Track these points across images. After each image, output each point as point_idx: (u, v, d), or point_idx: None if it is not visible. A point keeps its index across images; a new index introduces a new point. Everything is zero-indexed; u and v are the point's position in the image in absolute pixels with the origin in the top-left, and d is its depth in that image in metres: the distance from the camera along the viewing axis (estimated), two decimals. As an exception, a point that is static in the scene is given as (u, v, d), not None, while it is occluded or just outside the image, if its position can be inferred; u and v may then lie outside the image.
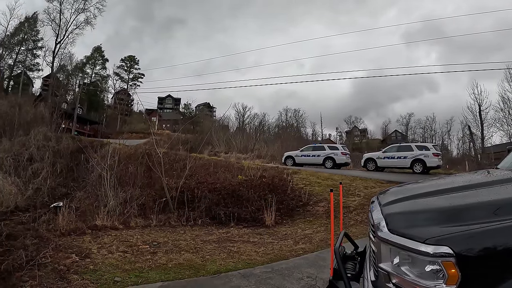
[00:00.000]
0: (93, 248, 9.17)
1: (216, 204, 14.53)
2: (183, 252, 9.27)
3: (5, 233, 9.24)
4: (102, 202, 13.89)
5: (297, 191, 16.29)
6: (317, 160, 29.68)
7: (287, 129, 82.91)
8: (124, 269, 7.73)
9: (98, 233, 10.90)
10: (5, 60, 69.95)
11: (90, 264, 7.88)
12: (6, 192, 16.46)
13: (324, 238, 10.66)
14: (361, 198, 14.97)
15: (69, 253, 8.46)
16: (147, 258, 8.61)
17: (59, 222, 11.27)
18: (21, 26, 69.57)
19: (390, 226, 2.70)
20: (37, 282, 6.58)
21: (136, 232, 11.57)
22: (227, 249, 9.66)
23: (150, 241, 10.32)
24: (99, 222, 11.99)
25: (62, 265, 7.50)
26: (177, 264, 8.22)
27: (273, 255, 9.04)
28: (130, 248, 9.41)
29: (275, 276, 7.26)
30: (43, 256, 7.82)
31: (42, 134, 27.67)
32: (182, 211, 14.17)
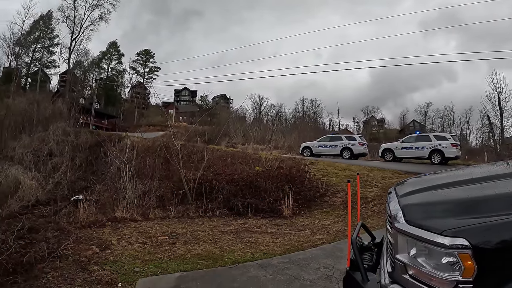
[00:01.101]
0: (113, 240, 9.27)
1: (234, 195, 14.61)
2: (202, 243, 9.31)
3: (27, 226, 9.36)
4: (121, 195, 14.04)
5: (315, 181, 16.22)
6: (335, 151, 29.45)
7: (303, 120, 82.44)
8: (144, 259, 7.80)
9: (118, 225, 11.01)
10: (22, 58, 70.79)
11: (110, 255, 7.97)
12: (27, 186, 16.74)
13: (341, 229, 10.62)
14: (378, 189, 14.80)
15: (89, 245, 8.56)
16: (166, 249, 8.68)
17: (80, 215, 11.43)
18: (36, 24, 70.11)
19: (407, 217, 2.70)
20: (59, 273, 6.68)
21: (155, 223, 11.66)
22: (245, 240, 9.67)
23: (169, 232, 10.39)
24: (119, 214, 12.12)
25: (83, 257, 7.59)
26: (195, 255, 8.25)
27: (290, 246, 9.01)
28: (149, 239, 9.48)
29: (292, 266, 7.25)
30: (64, 248, 7.91)
31: (61, 129, 28.03)
32: (200, 202, 14.26)
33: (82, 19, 66.24)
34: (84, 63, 75.88)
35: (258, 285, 6.40)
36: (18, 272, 6.58)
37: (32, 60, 72.36)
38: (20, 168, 18.80)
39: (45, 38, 72.12)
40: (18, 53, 68.74)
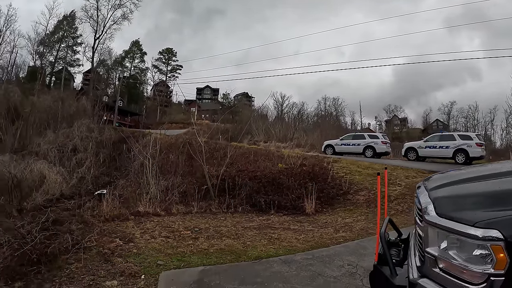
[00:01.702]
0: (136, 233, 9.31)
1: (256, 192, 14.53)
2: (224, 238, 9.28)
3: (52, 218, 9.43)
4: (144, 190, 14.11)
5: (338, 179, 16.09)
6: (357, 149, 29.13)
7: (325, 118, 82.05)
8: (167, 253, 7.80)
9: (141, 219, 11.08)
10: (46, 57, 71.96)
11: (133, 248, 7.99)
12: (51, 181, 16.91)
13: (364, 227, 10.56)
14: (402, 188, 14.66)
15: (113, 238, 8.60)
16: (189, 243, 8.66)
17: (103, 209, 11.51)
18: (60, 24, 71.23)
19: (438, 210, 2.64)
20: (82, 264, 6.71)
21: (177, 218, 11.68)
22: (267, 236, 9.61)
23: (192, 227, 10.40)
24: (142, 208, 12.20)
25: (107, 249, 7.62)
26: (218, 250, 8.23)
27: (313, 243, 8.96)
28: (172, 234, 9.49)
29: (315, 263, 7.19)
30: (88, 240, 7.94)
31: (85, 125, 28.41)
32: (222, 198, 14.27)
33: (105, 18, 67.15)
34: (108, 61, 76.95)
35: (281, 280, 6.32)
36: (42, 262, 6.60)
37: (56, 59, 73.46)
38: (45, 163, 19.02)
39: (69, 38, 73.22)
40: (43, 52, 69.86)
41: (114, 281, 6.14)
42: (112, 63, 78.31)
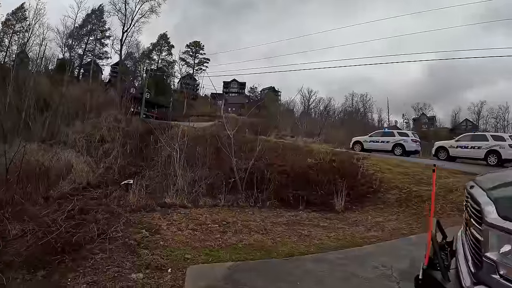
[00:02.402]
0: (162, 225, 9.09)
1: (285, 187, 14.26)
2: (253, 233, 9.02)
3: (78, 207, 9.31)
4: (171, 181, 13.96)
5: (368, 177, 15.66)
6: (386, 147, 28.43)
7: (353, 114, 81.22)
8: (194, 246, 7.57)
9: (168, 211, 10.86)
10: (75, 50, 73.10)
11: (160, 240, 7.77)
12: (79, 170, 16.99)
13: (396, 227, 10.24)
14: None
15: (139, 228, 8.42)
16: (217, 237, 8.42)
17: (130, 199, 11.40)
18: (88, 18, 72.32)
19: (501, 212, 2.38)
20: (108, 255, 6.53)
21: (204, 211, 11.44)
22: (297, 232, 9.35)
23: (219, 220, 10.12)
24: (168, 200, 12.02)
25: (132, 240, 7.43)
26: (247, 245, 7.98)
27: (345, 241, 8.68)
28: (200, 227, 9.25)
29: (349, 262, 6.89)
30: (114, 230, 7.78)
31: (112, 116, 28.49)
32: (250, 192, 14.04)
33: (133, 12, 67.48)
34: (135, 54, 77.71)
35: (314, 279, 6.03)
36: (66, 251, 6.47)
37: (84, 52, 74.63)
38: (72, 152, 19.13)
39: (97, 31, 74.14)
40: (72, 45, 70.93)
41: (139, 273, 5.93)
42: (139, 56, 79.10)
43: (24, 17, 63.00)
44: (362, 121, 75.61)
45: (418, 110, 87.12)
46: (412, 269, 5.86)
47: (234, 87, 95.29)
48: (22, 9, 63.42)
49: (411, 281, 5.53)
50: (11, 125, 26.43)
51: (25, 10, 63.05)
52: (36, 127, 27.60)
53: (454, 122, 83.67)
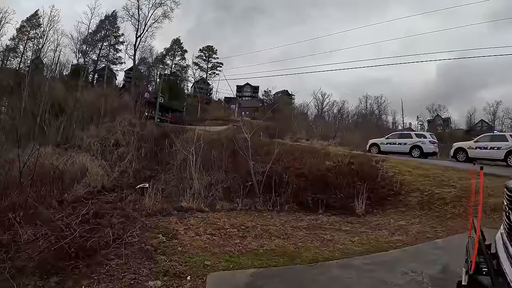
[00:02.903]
0: (180, 229, 8.84)
1: (303, 190, 13.98)
2: (274, 238, 8.75)
3: (93, 211, 9.08)
4: (187, 185, 13.73)
5: (387, 179, 15.28)
6: (403, 149, 27.89)
7: (367, 117, 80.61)
8: (213, 252, 7.30)
9: (184, 215, 10.62)
10: (89, 56, 73.63)
11: (177, 246, 7.50)
12: (93, 173, 16.83)
13: (420, 230, 9.85)
14: (457, 190, 13.45)
15: (155, 233, 8.18)
16: (236, 242, 8.16)
17: (146, 203, 11.20)
18: (102, 23, 72.84)
19: None
20: (123, 261, 6.28)
21: (222, 215, 11.19)
22: (319, 237, 9.06)
23: (238, 224, 9.88)
24: (185, 204, 11.81)
25: (149, 245, 7.17)
26: (268, 250, 7.69)
27: (370, 246, 8.34)
28: (218, 231, 9.01)
29: (376, 268, 6.59)
30: (130, 235, 7.50)
31: (127, 120, 28.42)
32: (268, 195, 13.75)
33: (146, 17, 67.56)
34: (149, 59, 78.00)
35: (342, 287, 5.76)
36: (80, 257, 6.23)
37: (99, 57, 75.13)
38: (87, 156, 19.01)
39: (111, 37, 74.61)
40: (86, 51, 71.43)
41: (157, 281, 5.68)
42: (153, 61, 79.40)
43: (38, 24, 63.76)
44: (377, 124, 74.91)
45: (433, 112, 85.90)
46: (443, 275, 5.98)
47: (248, 91, 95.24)
48: (36, 16, 64.19)
49: (443, 287, 5.40)
50: (26, 129, 26.53)
51: (39, 17, 63.86)
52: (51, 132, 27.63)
53: (470, 123, 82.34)
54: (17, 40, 62.98)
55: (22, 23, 63.31)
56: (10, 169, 10.36)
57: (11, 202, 8.45)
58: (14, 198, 8.73)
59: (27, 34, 63.15)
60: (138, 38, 66.97)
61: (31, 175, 11.15)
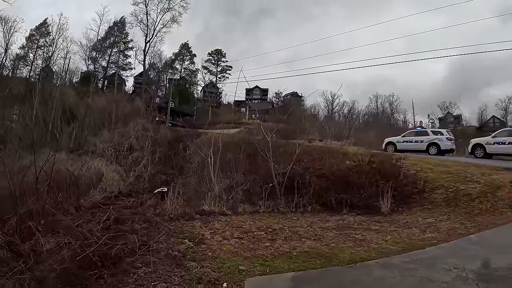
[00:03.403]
0: (206, 234, 8.52)
1: (325, 190, 13.68)
2: (304, 240, 8.44)
3: (113, 216, 8.68)
4: (206, 188, 13.45)
5: (410, 177, 14.96)
6: (420, 146, 27.34)
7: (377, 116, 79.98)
8: (245, 256, 6.97)
9: (208, 219, 10.32)
10: (99, 62, 74.04)
11: (207, 251, 7.16)
12: (109, 178, 16.51)
13: (451, 227, 9.66)
14: (481, 186, 13.19)
15: (181, 238, 7.85)
16: (267, 245, 7.85)
17: (167, 207, 10.85)
18: (110, 30, 73.04)
19: None
20: (152, 269, 5.93)
21: (246, 218, 10.87)
22: (351, 237, 8.82)
23: (265, 227, 9.55)
24: (207, 207, 11.46)
25: (176, 251, 6.83)
26: (302, 252, 7.40)
27: (404, 244, 8.11)
28: (246, 235, 8.70)
29: (417, 266, 6.41)
30: (156, 241, 7.09)
31: (140, 125, 28.15)
32: (289, 197, 13.42)
33: (154, 22, 67.59)
34: (158, 64, 78.03)
35: (386, 287, 5.64)
36: (105, 265, 5.88)
37: (108, 64, 75.30)
38: (102, 161, 18.70)
39: (120, 43, 74.72)
40: (95, 57, 71.70)
41: (192, 289, 5.24)
42: (162, 66, 79.45)
43: (47, 32, 64.28)
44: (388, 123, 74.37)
45: (444, 109, 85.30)
46: (486, 270, 5.97)
47: (257, 94, 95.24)
48: (45, 24, 64.82)
49: (489, 282, 5.47)
50: (38, 136, 26.38)
51: (48, 25, 64.47)
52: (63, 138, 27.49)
53: (481, 120, 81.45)
54: (26, 49, 63.57)
55: (32, 32, 63.86)
56: (26, 175, 9.99)
57: (28, 209, 8.07)
58: (31, 205, 8.36)
59: (37, 42, 63.60)
60: (147, 43, 67.03)
61: (47, 181, 10.80)
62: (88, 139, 27.35)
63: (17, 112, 36.21)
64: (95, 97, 41.11)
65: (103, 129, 29.29)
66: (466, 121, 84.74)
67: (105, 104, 36.68)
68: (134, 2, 65.78)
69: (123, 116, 33.42)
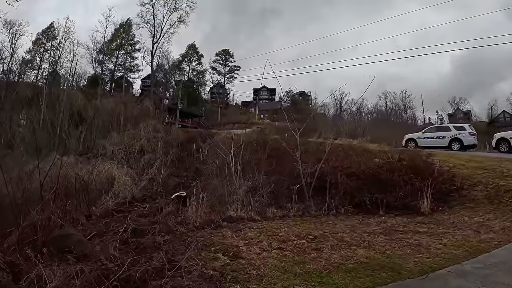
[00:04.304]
0: (240, 245, 7.35)
1: (357, 190, 12.64)
2: (353, 247, 7.45)
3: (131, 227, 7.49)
4: (227, 191, 12.37)
5: (444, 174, 13.90)
6: (442, 142, 26.37)
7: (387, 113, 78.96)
8: (296, 273, 5.85)
9: (236, 226, 9.19)
10: (106, 65, 73.63)
11: (248, 268, 5.97)
12: (121, 183, 15.42)
13: (504, 226, 8.95)
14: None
15: (213, 252, 6.70)
16: (314, 257, 6.77)
17: (190, 214, 9.72)
18: (117, 32, 72.33)
19: None
20: None
21: (278, 224, 9.76)
22: (404, 242, 7.92)
23: (304, 234, 8.44)
24: (233, 213, 10.32)
25: (211, 269, 5.63)
26: (359, 264, 6.48)
27: (466, 248, 7.34)
28: (285, 244, 7.57)
29: (494, 272, 5.81)
30: (187, 257, 5.88)
31: (151, 126, 27.21)
32: (317, 198, 12.46)
33: (161, 23, 66.98)
34: (165, 66, 77.36)
35: None
36: None
37: (115, 66, 74.73)
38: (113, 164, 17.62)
39: (127, 45, 74.09)
40: (102, 60, 71.24)
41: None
42: (170, 67, 78.77)
43: (54, 36, 63.91)
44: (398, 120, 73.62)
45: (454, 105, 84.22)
46: None
47: (264, 94, 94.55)
48: (52, 27, 64.51)
49: None
50: (45, 140, 25.68)
51: (54, 29, 64.17)
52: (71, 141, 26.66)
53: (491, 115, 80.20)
54: (33, 53, 63.24)
55: (38, 36, 63.61)
56: (30, 180, 8.80)
57: (32, 221, 6.86)
58: (35, 217, 7.15)
59: (43, 46, 63.28)
60: (154, 44, 66.40)
61: (53, 187, 9.56)
62: (97, 142, 26.67)
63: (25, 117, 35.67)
64: (104, 99, 40.63)
65: (112, 132, 28.52)
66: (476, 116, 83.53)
67: (114, 106, 36.17)
68: (140, 3, 65.55)
69: (132, 117, 32.77)
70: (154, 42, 66.41)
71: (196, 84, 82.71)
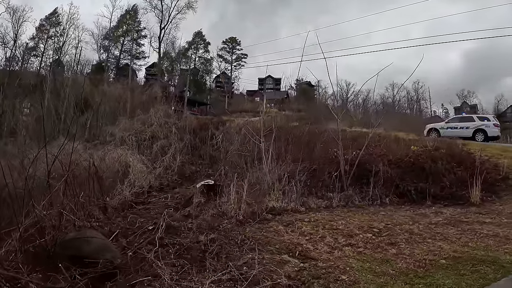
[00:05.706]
0: (302, 242, 6.19)
1: (399, 179, 11.80)
2: (430, 240, 6.79)
3: (164, 225, 6.16)
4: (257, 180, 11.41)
5: (487, 163, 13.21)
6: (466, 133, 25.45)
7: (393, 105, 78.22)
8: (389, 274, 5.06)
9: (284, 219, 8.05)
10: (111, 52, 72.19)
11: (332, 272, 4.86)
12: (137, 171, 14.15)
13: None
14: None
15: (276, 254, 5.52)
16: (394, 253, 6.02)
17: (229, 206, 8.43)
18: (123, 18, 71.13)
19: None
20: None
21: (326, 215, 8.68)
22: (477, 233, 7.36)
23: (365, 227, 7.50)
24: (274, 203, 9.17)
25: (286, 278, 4.43)
26: (452, 259, 5.79)
27: None
28: (352, 239, 6.63)
29: None
30: (241, 262, 4.64)
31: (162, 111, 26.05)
32: (356, 188, 11.58)
33: (169, 8, 65.83)
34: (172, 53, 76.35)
35: None
36: None
37: (121, 53, 73.59)
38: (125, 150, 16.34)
39: (133, 31, 72.99)
40: (107, 46, 70.00)
41: None
42: (176, 55, 77.86)
43: (58, 22, 62.62)
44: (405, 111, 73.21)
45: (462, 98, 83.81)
46: None
47: (269, 83, 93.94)
48: (56, 14, 63.13)
49: None
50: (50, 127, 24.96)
51: (58, 15, 62.86)
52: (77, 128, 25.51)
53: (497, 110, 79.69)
54: (37, 39, 61.98)
55: (41, 22, 62.30)
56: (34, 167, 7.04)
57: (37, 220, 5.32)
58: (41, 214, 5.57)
59: (47, 32, 62.00)
60: (162, 30, 65.27)
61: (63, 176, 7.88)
62: (104, 129, 25.85)
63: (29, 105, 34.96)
64: (110, 85, 40.34)
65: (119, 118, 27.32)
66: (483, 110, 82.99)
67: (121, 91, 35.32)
68: (147, -13, 64.10)
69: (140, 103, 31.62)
70: (161, 28, 65.30)
71: (203, 72, 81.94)
